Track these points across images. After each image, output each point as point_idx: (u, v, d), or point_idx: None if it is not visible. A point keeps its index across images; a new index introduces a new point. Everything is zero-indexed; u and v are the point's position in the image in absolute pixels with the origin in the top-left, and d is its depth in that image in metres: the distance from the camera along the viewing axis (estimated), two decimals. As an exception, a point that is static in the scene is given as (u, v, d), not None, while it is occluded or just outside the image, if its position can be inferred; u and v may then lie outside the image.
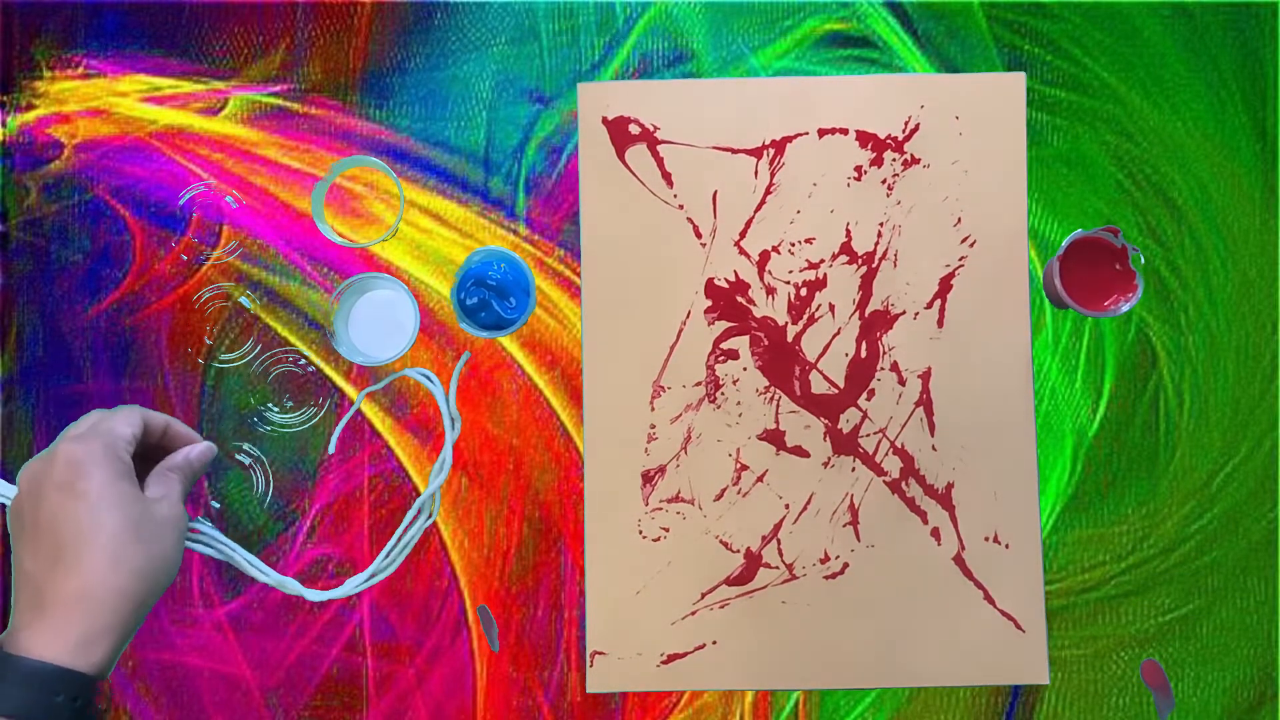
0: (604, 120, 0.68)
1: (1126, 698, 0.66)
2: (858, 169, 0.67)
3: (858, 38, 0.69)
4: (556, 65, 0.69)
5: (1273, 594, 0.66)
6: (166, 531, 0.49)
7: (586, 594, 0.66)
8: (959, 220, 0.67)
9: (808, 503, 0.66)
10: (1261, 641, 0.66)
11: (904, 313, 0.67)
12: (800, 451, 0.67)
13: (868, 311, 0.67)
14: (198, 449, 0.54)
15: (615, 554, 0.66)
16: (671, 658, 0.66)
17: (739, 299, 0.67)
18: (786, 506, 0.66)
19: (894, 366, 0.67)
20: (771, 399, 0.67)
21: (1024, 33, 0.69)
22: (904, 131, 0.67)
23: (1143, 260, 0.67)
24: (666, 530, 0.66)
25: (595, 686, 0.66)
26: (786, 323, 0.67)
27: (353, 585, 0.65)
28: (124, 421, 0.50)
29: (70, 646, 0.43)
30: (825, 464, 0.66)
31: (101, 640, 0.44)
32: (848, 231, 0.67)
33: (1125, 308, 0.65)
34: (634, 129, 0.68)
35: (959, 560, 0.66)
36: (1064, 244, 0.65)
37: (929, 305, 0.67)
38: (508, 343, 0.68)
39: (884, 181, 0.67)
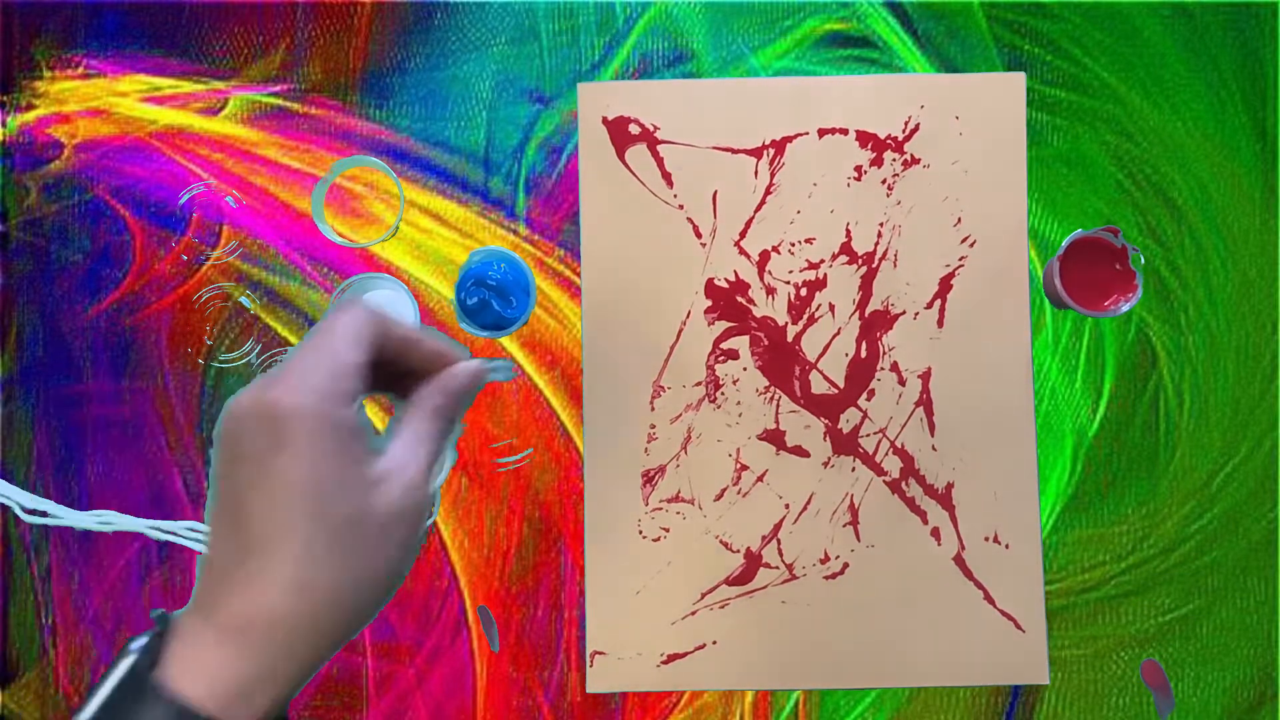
0: (604, 120, 0.68)
1: (1126, 698, 0.66)
2: (858, 169, 0.67)
3: (858, 38, 0.69)
4: (556, 65, 0.69)
5: (1273, 594, 0.66)
6: (394, 531, 0.34)
7: (586, 594, 0.66)
8: (959, 220, 0.67)
9: (808, 503, 0.66)
10: (1261, 641, 0.66)
11: (904, 313, 0.67)
12: (800, 451, 0.67)
13: (868, 311, 0.67)
14: (463, 373, 0.37)
15: (615, 554, 0.66)
16: (671, 658, 0.66)
17: (739, 299, 0.67)
18: (786, 506, 0.66)
19: (894, 366, 0.67)
20: (771, 399, 0.67)
21: (1024, 33, 0.69)
22: (904, 131, 0.67)
23: (1143, 260, 0.67)
24: (666, 530, 0.66)
25: (595, 686, 0.66)
26: (786, 323, 0.67)
27: (353, 585, 0.65)
28: (351, 344, 0.34)
29: (222, 694, 0.31)
30: (825, 464, 0.66)
31: (269, 686, 0.32)
32: (848, 231, 0.67)
33: (1125, 308, 0.65)
34: (634, 129, 0.68)
35: (959, 560, 0.66)
36: (1064, 244, 0.65)
37: (929, 305, 0.67)
38: (508, 343, 0.68)
39: (884, 181, 0.67)
